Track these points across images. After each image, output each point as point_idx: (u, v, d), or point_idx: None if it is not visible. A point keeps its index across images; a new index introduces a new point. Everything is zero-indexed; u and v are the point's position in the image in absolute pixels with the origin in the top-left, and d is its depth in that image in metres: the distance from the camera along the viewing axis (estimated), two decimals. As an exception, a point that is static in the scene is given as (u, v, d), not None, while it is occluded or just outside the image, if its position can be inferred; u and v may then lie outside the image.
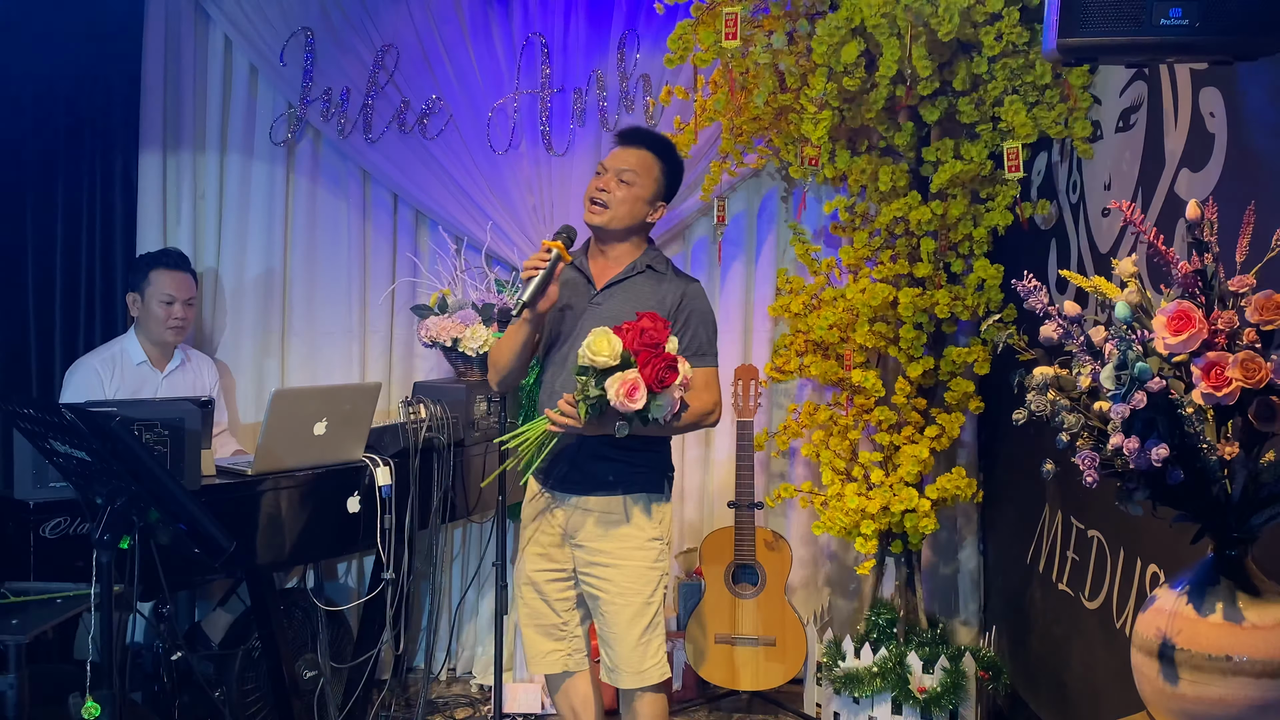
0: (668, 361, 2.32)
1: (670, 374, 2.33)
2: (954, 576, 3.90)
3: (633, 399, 2.29)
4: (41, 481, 2.54)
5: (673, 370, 2.33)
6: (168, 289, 3.43)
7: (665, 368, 2.31)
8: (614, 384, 2.30)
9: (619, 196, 2.57)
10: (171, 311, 3.44)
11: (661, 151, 2.65)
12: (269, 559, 2.91)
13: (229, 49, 3.92)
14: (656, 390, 2.32)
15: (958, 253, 3.48)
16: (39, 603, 2.47)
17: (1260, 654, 1.48)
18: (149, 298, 3.44)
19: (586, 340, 2.32)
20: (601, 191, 2.57)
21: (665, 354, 2.33)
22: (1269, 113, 1.99)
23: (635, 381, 2.29)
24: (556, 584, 2.69)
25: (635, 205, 2.58)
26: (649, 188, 2.60)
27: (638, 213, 2.60)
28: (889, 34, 3.06)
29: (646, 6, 3.81)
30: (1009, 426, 3.42)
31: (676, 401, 2.39)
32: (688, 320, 2.56)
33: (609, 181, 2.58)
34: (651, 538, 2.61)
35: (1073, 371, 1.63)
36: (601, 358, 2.30)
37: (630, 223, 2.60)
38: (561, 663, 2.73)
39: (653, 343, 2.32)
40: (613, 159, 2.62)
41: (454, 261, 3.92)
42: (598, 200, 2.58)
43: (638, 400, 2.30)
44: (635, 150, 2.62)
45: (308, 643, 3.26)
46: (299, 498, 2.93)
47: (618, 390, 2.29)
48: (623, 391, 2.29)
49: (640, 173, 2.58)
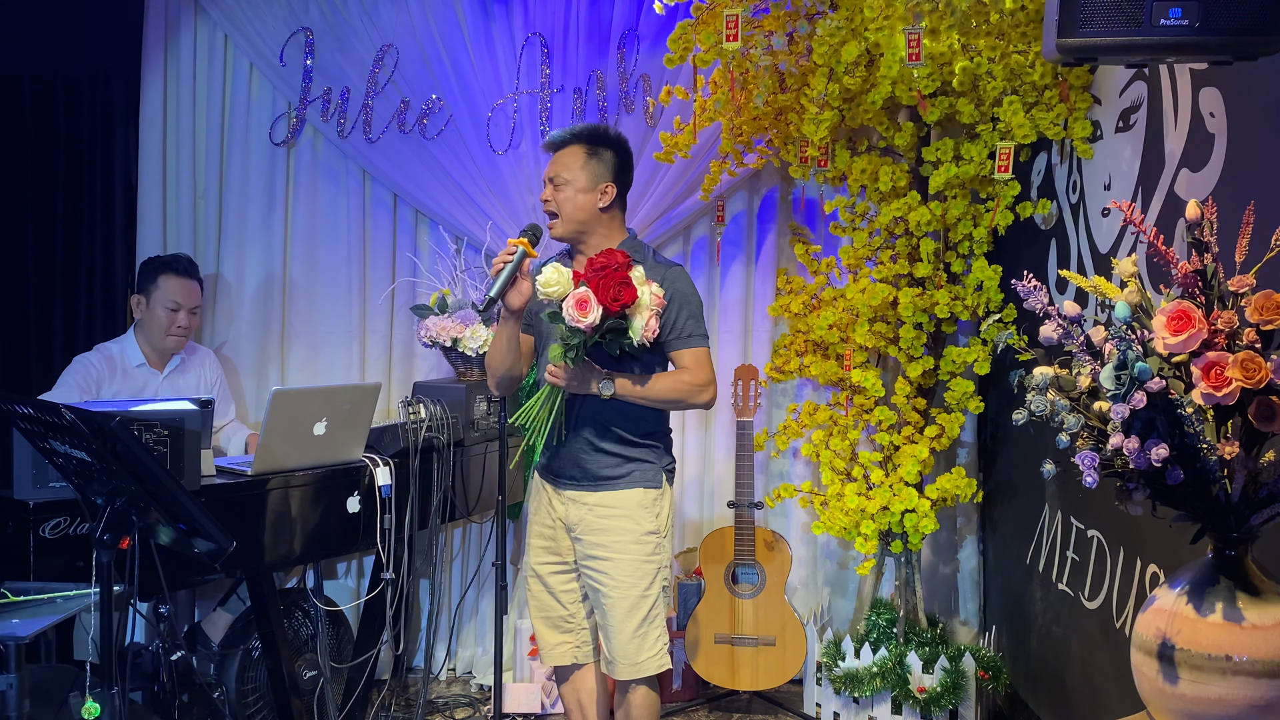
0: (619, 279, 2.36)
1: (625, 290, 2.36)
2: (954, 576, 3.90)
3: (585, 311, 2.36)
4: (41, 481, 2.54)
5: (627, 287, 2.36)
6: (175, 295, 3.42)
7: (618, 285, 2.35)
8: (567, 303, 2.38)
9: (559, 199, 2.64)
10: (175, 319, 3.42)
11: (585, 138, 2.67)
12: (269, 559, 2.91)
13: (229, 49, 3.92)
14: (613, 309, 2.37)
15: (957, 253, 3.48)
16: (39, 603, 2.47)
17: (1260, 654, 1.48)
18: (155, 302, 3.42)
19: (536, 280, 2.43)
20: (546, 203, 2.66)
21: (615, 273, 2.36)
22: (1269, 113, 1.99)
23: (585, 295, 2.37)
24: (561, 576, 2.73)
25: (576, 198, 2.63)
26: (581, 177, 2.63)
27: (583, 204, 2.63)
28: (889, 34, 3.06)
29: (646, 6, 3.81)
30: (1009, 426, 3.42)
31: (650, 319, 2.44)
32: (670, 303, 2.58)
33: (548, 192, 2.66)
34: (648, 531, 2.62)
35: (1073, 371, 1.63)
36: (551, 287, 2.40)
37: (583, 216, 2.64)
38: (570, 655, 2.77)
39: (601, 265, 2.38)
40: (547, 171, 2.68)
41: (454, 261, 3.92)
42: (548, 213, 2.67)
43: (590, 313, 2.36)
44: (558, 153, 2.67)
45: (308, 643, 3.26)
46: (299, 498, 2.93)
47: (568, 308, 2.37)
48: (572, 306, 2.37)
49: (568, 167, 2.63)
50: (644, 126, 3.83)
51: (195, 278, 3.52)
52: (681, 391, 2.58)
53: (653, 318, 2.45)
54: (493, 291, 2.51)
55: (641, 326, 2.43)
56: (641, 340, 2.45)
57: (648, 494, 2.64)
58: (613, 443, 2.62)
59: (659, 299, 2.47)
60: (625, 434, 2.62)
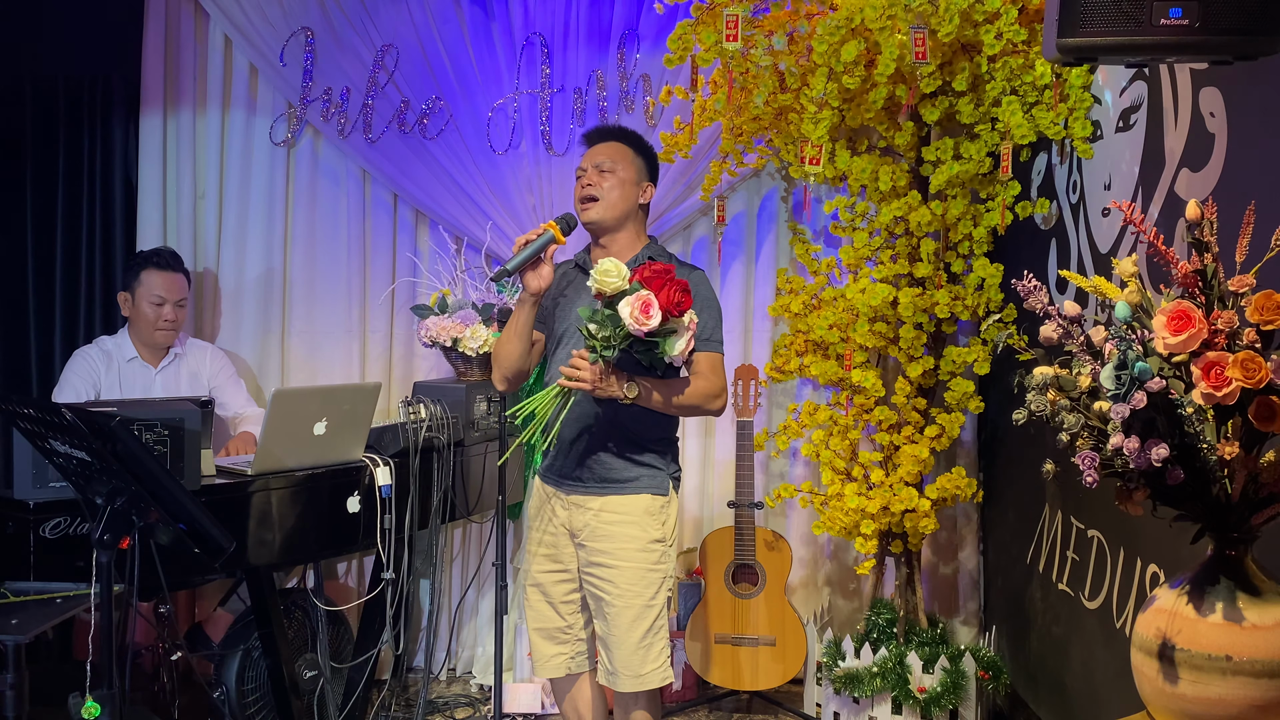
0: (681, 285, 2.32)
1: (685, 298, 2.32)
2: (954, 576, 3.90)
3: (648, 315, 2.29)
4: (41, 481, 2.54)
5: (687, 294, 2.33)
6: (158, 290, 3.40)
7: (680, 290, 2.31)
8: (628, 303, 2.30)
9: (606, 186, 2.64)
10: (161, 313, 3.40)
11: (629, 140, 2.73)
12: (269, 559, 2.91)
13: (229, 49, 3.92)
14: (674, 313, 2.32)
15: (958, 253, 3.48)
16: (39, 603, 2.47)
17: (1260, 654, 1.48)
18: (139, 298, 3.41)
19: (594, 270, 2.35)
20: (589, 187, 2.64)
21: (679, 281, 2.33)
22: (1269, 113, 1.99)
23: (649, 299, 2.30)
24: (562, 585, 2.69)
25: (624, 189, 2.65)
26: (630, 171, 2.67)
27: (629, 195, 2.66)
28: (889, 33, 3.06)
29: (646, 6, 3.81)
30: (1009, 426, 3.42)
31: (689, 340, 2.39)
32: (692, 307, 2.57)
33: (593, 177, 2.65)
34: (654, 539, 2.59)
35: (1073, 371, 1.63)
36: (610, 278, 2.32)
37: (625, 207, 2.66)
38: (565, 666, 2.73)
39: (661, 270, 2.34)
40: (588, 158, 2.69)
41: (454, 261, 3.93)
42: (588, 197, 2.64)
43: (653, 318, 2.29)
44: (605, 144, 2.71)
45: (308, 643, 3.26)
46: (299, 498, 2.93)
47: (633, 308, 2.30)
48: (638, 307, 2.29)
49: (618, 159, 2.66)
50: (644, 126, 3.83)
51: (179, 270, 3.49)
52: (699, 399, 2.56)
53: (691, 339, 2.41)
54: (510, 264, 2.49)
55: (681, 345, 2.38)
56: (671, 359, 2.40)
57: (655, 500, 2.61)
58: (624, 446, 2.58)
59: (694, 324, 2.42)
60: (637, 437, 2.59)
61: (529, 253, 2.50)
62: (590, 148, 2.72)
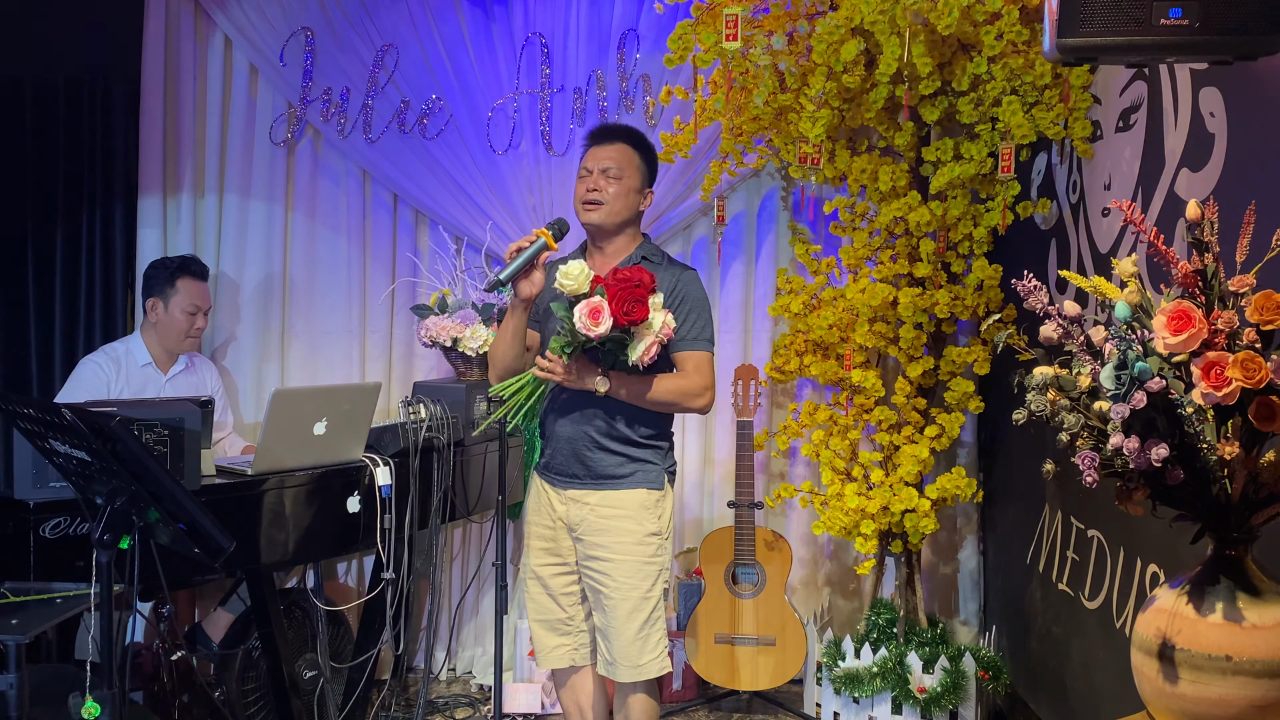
0: (635, 296, 2.36)
1: (638, 308, 2.37)
2: (954, 576, 3.90)
3: (596, 321, 2.36)
4: (41, 481, 2.54)
5: (640, 305, 2.37)
6: (195, 299, 3.44)
7: (632, 301, 2.36)
8: (580, 308, 2.38)
9: (612, 192, 2.64)
10: (194, 321, 3.44)
11: (635, 142, 2.73)
12: (269, 559, 2.91)
13: (229, 49, 3.92)
14: (622, 322, 2.37)
15: (957, 253, 3.48)
16: (39, 603, 2.47)
17: (1260, 654, 1.48)
18: (173, 306, 3.42)
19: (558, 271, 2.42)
20: (593, 191, 2.65)
21: (635, 290, 2.36)
22: (1269, 113, 1.99)
23: (599, 305, 2.37)
24: (561, 578, 2.72)
25: (628, 197, 2.67)
26: (635, 178, 2.68)
27: (631, 203, 2.68)
28: (889, 33, 3.06)
29: (647, 6, 3.81)
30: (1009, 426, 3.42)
31: (653, 346, 2.44)
32: (680, 305, 2.60)
33: (598, 180, 2.65)
34: (650, 532, 2.62)
35: (1073, 371, 1.63)
36: (569, 281, 2.40)
37: (627, 214, 2.68)
38: (568, 657, 2.76)
39: (625, 278, 2.38)
40: (593, 159, 2.68)
41: (454, 261, 3.92)
42: (591, 200, 2.65)
43: (601, 324, 2.36)
44: (612, 146, 2.69)
45: (308, 643, 3.26)
46: (299, 497, 2.93)
47: (580, 313, 2.37)
48: (585, 313, 2.37)
49: (624, 165, 2.66)
50: (644, 126, 3.83)
51: (207, 279, 3.55)
52: (676, 395, 2.59)
53: (655, 345, 2.45)
54: (503, 274, 2.52)
55: (641, 349, 2.43)
56: (636, 362, 2.45)
57: (650, 495, 2.63)
58: (618, 442, 2.61)
59: (668, 330, 2.48)
60: (631, 433, 2.62)
61: (521, 262, 2.52)
62: (595, 147, 2.71)
